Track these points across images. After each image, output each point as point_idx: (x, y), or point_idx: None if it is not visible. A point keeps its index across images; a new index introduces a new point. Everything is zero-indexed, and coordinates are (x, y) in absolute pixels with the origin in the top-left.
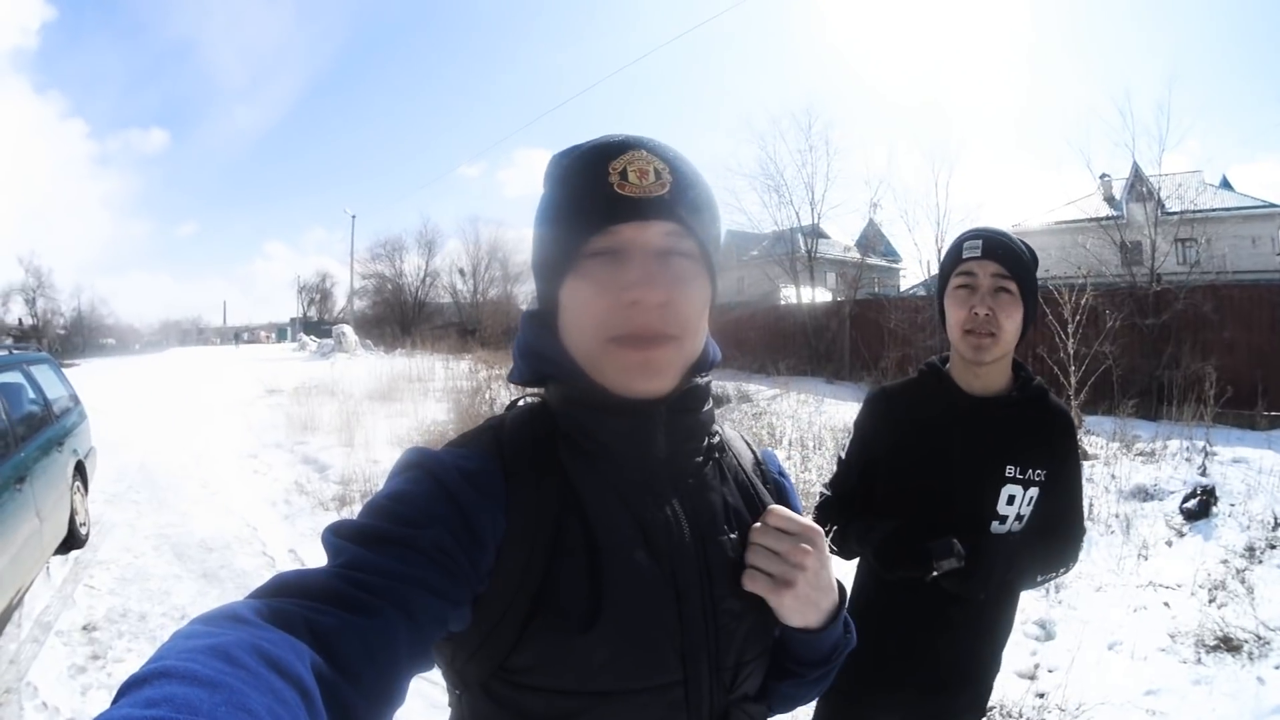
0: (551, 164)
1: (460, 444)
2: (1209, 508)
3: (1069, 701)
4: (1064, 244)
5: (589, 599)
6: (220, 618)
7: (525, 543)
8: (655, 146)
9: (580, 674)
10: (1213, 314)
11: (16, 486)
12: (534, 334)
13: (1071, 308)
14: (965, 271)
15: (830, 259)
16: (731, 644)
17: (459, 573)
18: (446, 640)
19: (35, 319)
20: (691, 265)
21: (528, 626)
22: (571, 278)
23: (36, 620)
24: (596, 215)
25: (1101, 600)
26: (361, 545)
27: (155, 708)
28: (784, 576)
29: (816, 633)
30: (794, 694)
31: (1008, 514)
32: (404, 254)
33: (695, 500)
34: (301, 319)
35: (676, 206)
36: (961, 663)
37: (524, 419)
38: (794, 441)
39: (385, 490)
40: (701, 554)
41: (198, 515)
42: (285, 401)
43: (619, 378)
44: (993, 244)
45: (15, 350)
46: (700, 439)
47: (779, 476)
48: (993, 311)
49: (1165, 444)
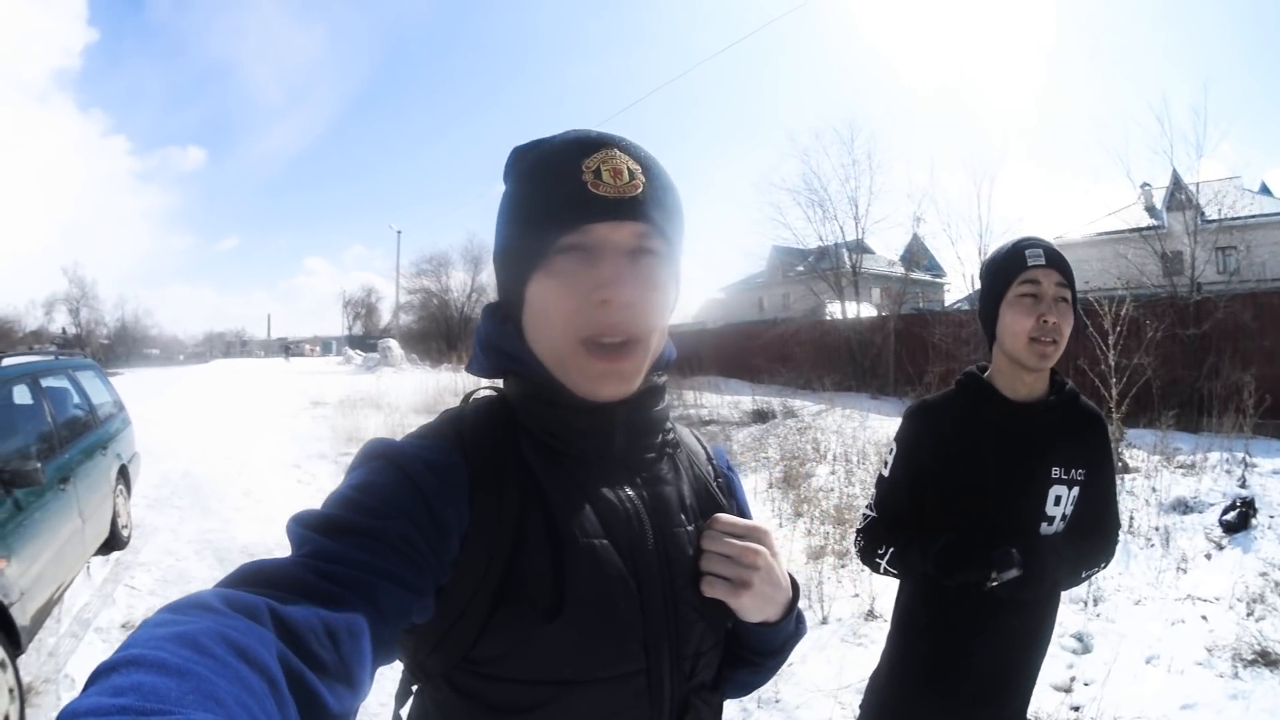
0: (516, 156)
1: (421, 436)
2: (1248, 520)
3: (1104, 715)
4: (1104, 255)
5: (553, 589)
6: (188, 606)
7: (489, 534)
8: (629, 146)
9: (545, 663)
10: (1252, 322)
11: (60, 486)
12: (495, 328)
13: (1112, 319)
14: (1030, 280)
15: (875, 274)
16: (691, 634)
17: (423, 563)
18: (409, 632)
19: (79, 328)
20: (660, 266)
21: (492, 617)
22: (540, 274)
23: (76, 617)
24: (569, 212)
25: (1140, 613)
26: (326, 535)
27: (123, 695)
28: (740, 578)
29: (773, 626)
30: (749, 681)
31: (1054, 514)
32: (449, 270)
33: (653, 493)
34: (347, 334)
35: (649, 208)
36: (1011, 670)
37: (483, 412)
38: (838, 456)
39: (349, 481)
40: (661, 546)
41: (240, 522)
42: (330, 414)
43: (583, 384)
44: (1053, 253)
45: (61, 357)
46: (656, 435)
47: (728, 471)
48: (1057, 324)
49: (1205, 456)
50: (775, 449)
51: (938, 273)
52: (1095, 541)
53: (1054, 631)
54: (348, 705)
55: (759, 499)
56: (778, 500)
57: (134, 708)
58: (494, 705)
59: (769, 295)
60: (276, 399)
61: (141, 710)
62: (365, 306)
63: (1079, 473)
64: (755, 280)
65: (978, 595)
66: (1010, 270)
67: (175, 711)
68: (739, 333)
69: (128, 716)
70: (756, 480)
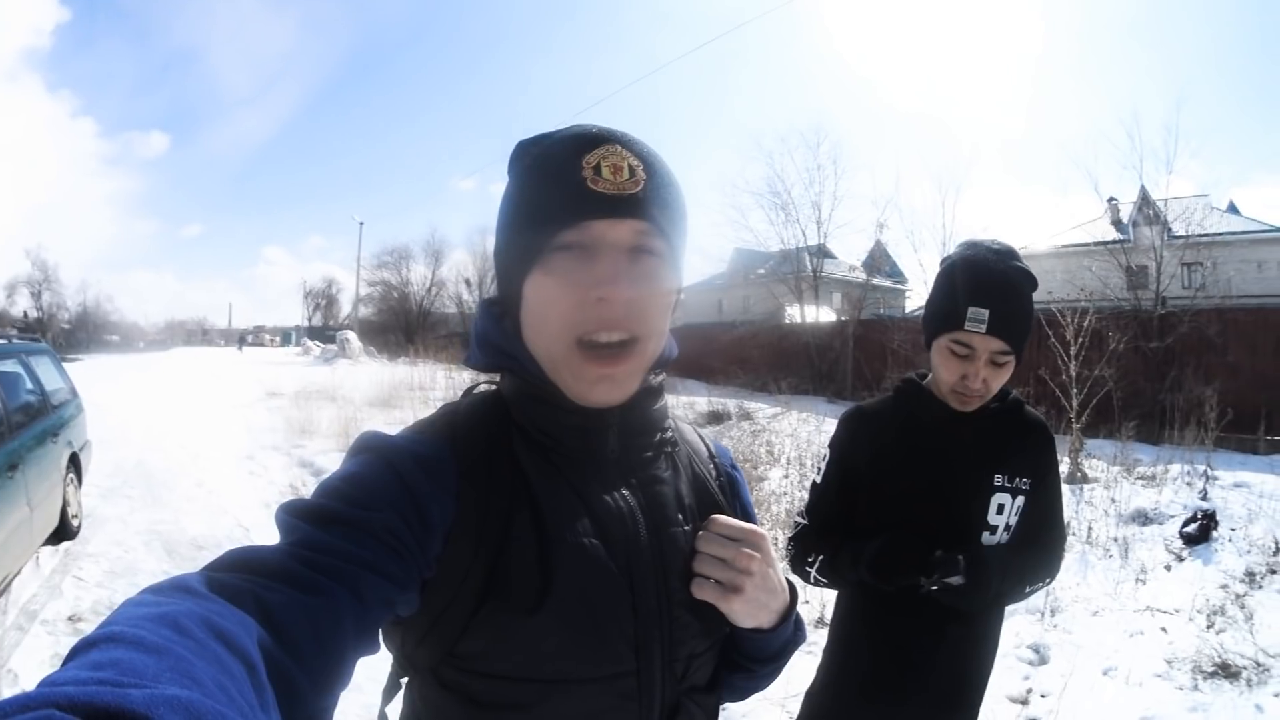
0: (519, 151)
1: (415, 430)
2: (1209, 532)
3: None
4: (1070, 267)
5: (538, 583)
6: (170, 588)
7: (474, 530)
8: (630, 142)
9: (529, 659)
10: (1217, 337)
11: (8, 474)
12: (491, 323)
13: (1074, 330)
14: (963, 343)
15: (836, 279)
16: (685, 635)
17: (408, 557)
18: (396, 625)
19: (41, 312)
20: (660, 265)
21: (477, 612)
22: (537, 271)
23: (22, 609)
24: (568, 209)
25: (1097, 624)
26: (313, 524)
27: (102, 670)
28: (732, 582)
29: (767, 633)
30: (744, 686)
31: (998, 524)
32: (410, 263)
33: (648, 493)
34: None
35: (650, 205)
36: (958, 678)
37: (478, 408)
38: (792, 460)
39: (339, 472)
40: (656, 546)
41: (191, 513)
42: (285, 405)
43: (576, 387)
44: (1001, 318)
45: (15, 340)
46: (653, 434)
47: (731, 469)
48: (986, 381)
49: (1166, 468)
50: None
51: (899, 279)
52: (1040, 556)
53: (1010, 642)
54: (327, 694)
55: None
56: None
57: (111, 680)
58: (481, 702)
59: (729, 297)
60: (232, 389)
61: (118, 683)
62: (325, 298)
63: (1023, 482)
64: (715, 282)
65: (917, 605)
66: (946, 321)
67: (151, 685)
68: (697, 334)
69: (105, 688)
70: None
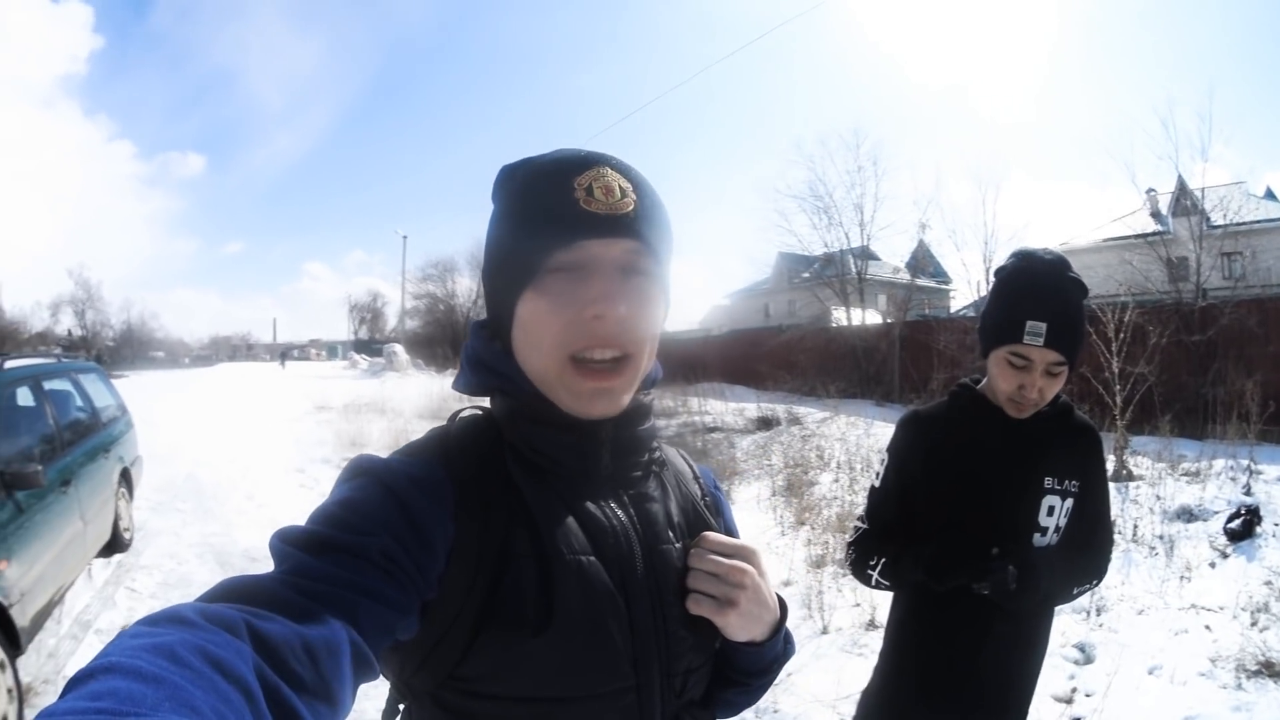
0: (505, 175)
1: (407, 452)
2: (1253, 528)
3: None
4: (1110, 261)
5: (540, 605)
6: (165, 619)
7: (474, 550)
8: (619, 165)
9: (534, 680)
10: (1258, 328)
11: (62, 489)
12: (484, 345)
13: (1116, 326)
14: (1020, 355)
15: (880, 281)
16: (681, 650)
17: (407, 581)
18: (394, 650)
19: (84, 330)
20: (651, 284)
21: (479, 634)
22: (531, 292)
23: (76, 619)
24: (562, 230)
25: (1142, 623)
26: (308, 552)
27: (100, 700)
28: (726, 597)
29: (761, 645)
30: (737, 701)
31: (1048, 525)
32: (455, 275)
33: (640, 511)
34: (353, 338)
35: (641, 225)
36: (1006, 680)
37: (470, 429)
38: (841, 464)
39: (334, 497)
40: (649, 563)
41: (242, 526)
42: (334, 418)
43: (572, 402)
44: (1057, 331)
45: (64, 359)
46: (643, 453)
47: (714, 490)
48: (1042, 390)
49: (1210, 463)
50: (779, 456)
51: (943, 279)
52: (1089, 557)
53: (1056, 642)
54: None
55: (761, 507)
56: (780, 508)
57: (110, 710)
58: None
59: (774, 302)
60: (280, 403)
61: (117, 712)
62: (371, 311)
63: (1072, 484)
64: (761, 287)
65: (972, 605)
66: (1004, 334)
67: (150, 714)
68: (744, 340)
69: (104, 717)
70: (760, 488)
